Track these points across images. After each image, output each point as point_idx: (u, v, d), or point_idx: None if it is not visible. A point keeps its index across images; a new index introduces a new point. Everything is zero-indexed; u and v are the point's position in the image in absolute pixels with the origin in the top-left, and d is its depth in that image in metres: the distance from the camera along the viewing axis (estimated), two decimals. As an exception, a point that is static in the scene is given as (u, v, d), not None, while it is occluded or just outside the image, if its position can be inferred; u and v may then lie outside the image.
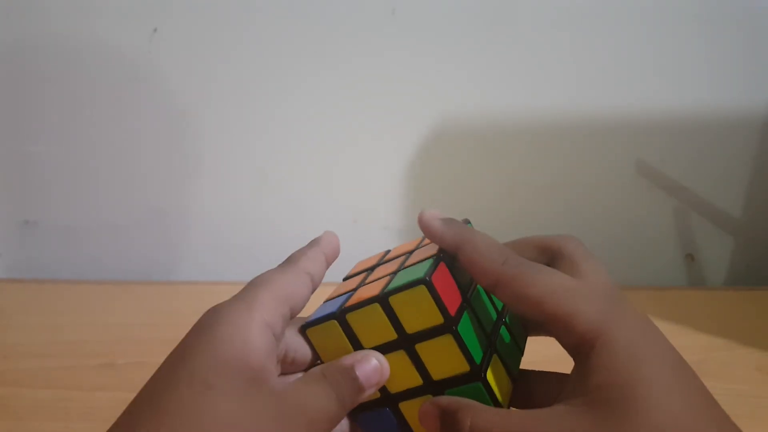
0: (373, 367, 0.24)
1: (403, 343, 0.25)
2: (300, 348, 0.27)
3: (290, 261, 0.27)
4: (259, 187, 0.54)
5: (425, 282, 0.23)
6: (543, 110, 0.52)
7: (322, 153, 0.53)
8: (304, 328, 0.26)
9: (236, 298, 0.24)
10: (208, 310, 0.24)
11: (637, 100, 0.52)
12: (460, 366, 0.24)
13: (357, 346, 0.26)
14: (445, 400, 0.24)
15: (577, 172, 0.54)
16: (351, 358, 0.24)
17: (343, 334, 0.25)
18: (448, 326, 0.24)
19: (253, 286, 0.25)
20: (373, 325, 0.25)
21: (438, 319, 0.24)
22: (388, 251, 0.31)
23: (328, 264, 0.28)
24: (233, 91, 0.51)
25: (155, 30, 0.49)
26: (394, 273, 0.26)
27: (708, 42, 0.51)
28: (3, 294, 0.49)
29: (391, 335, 0.25)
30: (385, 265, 0.29)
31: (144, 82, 0.51)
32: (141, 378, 0.22)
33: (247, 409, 0.21)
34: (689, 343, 0.42)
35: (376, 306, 0.25)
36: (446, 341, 0.24)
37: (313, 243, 0.28)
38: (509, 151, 0.54)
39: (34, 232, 0.55)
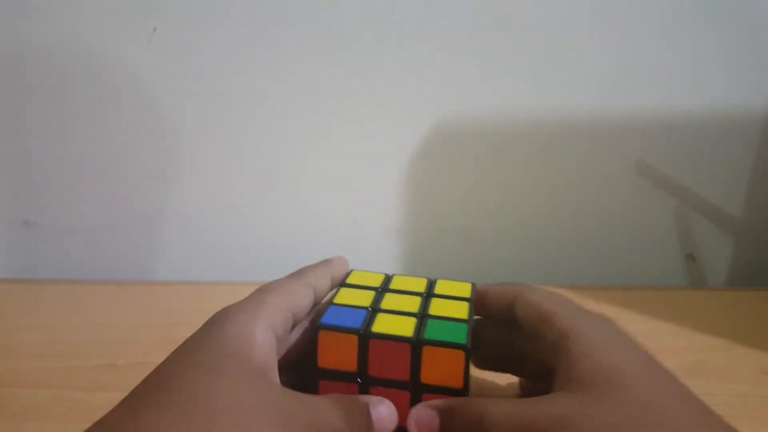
0: (386, 414, 0.25)
1: (412, 387, 0.26)
2: (292, 354, 0.29)
3: (298, 273, 0.29)
4: (259, 188, 0.54)
5: (466, 349, 0.25)
6: (543, 110, 0.52)
7: (321, 153, 0.53)
8: (319, 327, 0.26)
9: (245, 301, 0.26)
10: (219, 311, 0.25)
11: (637, 100, 0.52)
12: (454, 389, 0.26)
13: (362, 368, 0.26)
14: (440, 402, 0.25)
15: (577, 172, 0.54)
16: (366, 398, 0.25)
17: (356, 350, 0.26)
18: (462, 392, 0.26)
19: (261, 291, 0.27)
20: (392, 359, 0.26)
21: (458, 383, 0.26)
22: (390, 277, 0.32)
23: (333, 284, 0.30)
24: (232, 92, 0.51)
25: (155, 29, 0.49)
26: (421, 316, 0.28)
27: (708, 42, 0.51)
28: (3, 294, 0.49)
29: (404, 376, 0.26)
30: (398, 296, 0.30)
31: (144, 81, 0.51)
32: (141, 378, 0.22)
33: (257, 397, 0.22)
34: (689, 343, 0.42)
35: (406, 347, 0.26)
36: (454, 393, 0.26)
37: (324, 261, 0.31)
38: (509, 152, 0.54)
39: (34, 232, 0.54)
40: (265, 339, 0.24)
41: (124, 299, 0.49)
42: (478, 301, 0.31)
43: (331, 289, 0.30)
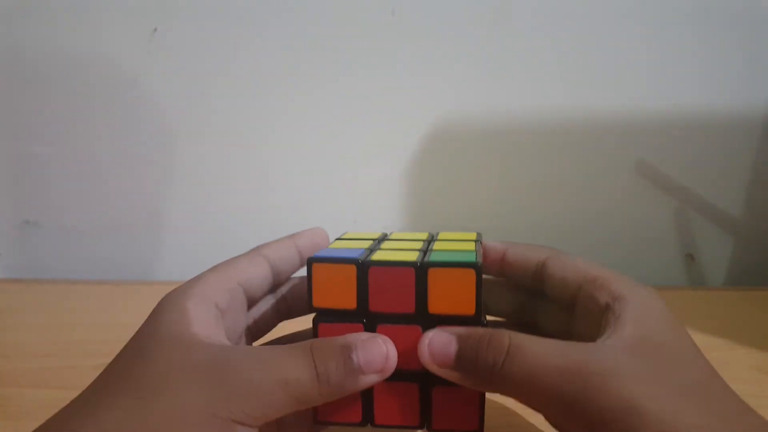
0: (377, 352, 0.22)
1: (420, 320, 0.23)
2: (266, 323, 0.28)
3: (253, 248, 0.28)
4: (259, 188, 0.54)
5: (476, 267, 0.22)
6: (542, 110, 0.52)
7: (322, 154, 0.53)
8: (312, 261, 0.24)
9: (185, 282, 0.25)
10: (164, 296, 0.25)
11: (637, 100, 0.52)
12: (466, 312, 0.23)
13: (363, 303, 0.24)
14: (461, 328, 0.22)
15: (577, 172, 0.54)
16: (353, 338, 0.22)
17: (354, 283, 0.23)
18: (476, 319, 0.23)
19: (206, 270, 0.26)
20: (395, 289, 0.23)
21: (469, 309, 0.23)
22: (386, 234, 0.30)
23: (302, 253, 0.28)
24: (233, 92, 0.51)
25: (155, 30, 0.49)
26: (424, 250, 0.25)
27: (708, 42, 0.51)
28: (3, 294, 0.49)
29: (409, 308, 0.23)
30: (399, 242, 0.27)
31: (144, 82, 0.51)
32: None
33: (187, 365, 0.21)
34: (689, 343, 0.42)
35: (410, 271, 0.23)
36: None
37: (290, 235, 0.29)
38: (509, 151, 0.54)
39: (34, 232, 0.55)
40: (199, 311, 0.23)
41: (124, 299, 0.49)
42: (495, 261, 0.28)
43: (301, 264, 0.29)
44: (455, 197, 0.55)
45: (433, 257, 0.24)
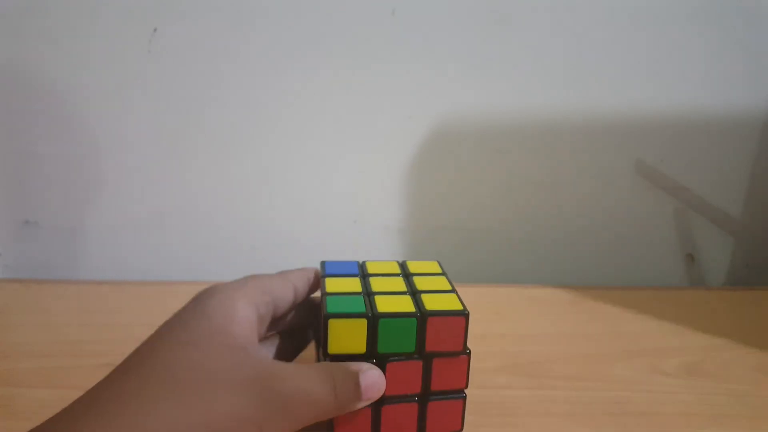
0: (375, 380, 0.26)
1: (418, 357, 0.28)
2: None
3: (280, 272, 0.31)
4: (260, 188, 0.54)
5: (465, 314, 0.28)
6: (542, 110, 0.52)
7: (322, 153, 0.53)
8: (328, 318, 0.27)
9: (231, 281, 0.28)
10: (205, 288, 0.27)
11: (637, 100, 0.52)
12: (459, 383, 0.29)
13: (371, 348, 0.27)
14: None
15: (577, 172, 0.54)
16: (356, 366, 0.25)
17: (365, 333, 0.27)
18: (464, 353, 0.28)
19: (246, 276, 0.29)
20: (399, 335, 0.27)
21: (458, 346, 0.28)
22: (362, 263, 0.34)
23: (311, 288, 0.32)
24: (233, 92, 0.51)
25: (155, 30, 0.49)
26: (413, 293, 0.29)
27: (708, 42, 0.51)
28: (3, 294, 0.49)
29: (410, 348, 0.28)
30: (380, 279, 0.31)
31: (144, 82, 0.51)
32: (141, 378, 0.23)
33: (228, 366, 0.23)
34: (689, 343, 0.42)
35: (413, 321, 0.27)
36: (462, 361, 0.28)
37: (302, 268, 0.33)
38: (509, 151, 0.54)
39: (34, 232, 0.55)
40: (246, 314, 0.25)
41: (124, 299, 0.49)
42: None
43: (308, 289, 0.32)
44: (455, 197, 0.55)
45: (428, 305, 0.28)
